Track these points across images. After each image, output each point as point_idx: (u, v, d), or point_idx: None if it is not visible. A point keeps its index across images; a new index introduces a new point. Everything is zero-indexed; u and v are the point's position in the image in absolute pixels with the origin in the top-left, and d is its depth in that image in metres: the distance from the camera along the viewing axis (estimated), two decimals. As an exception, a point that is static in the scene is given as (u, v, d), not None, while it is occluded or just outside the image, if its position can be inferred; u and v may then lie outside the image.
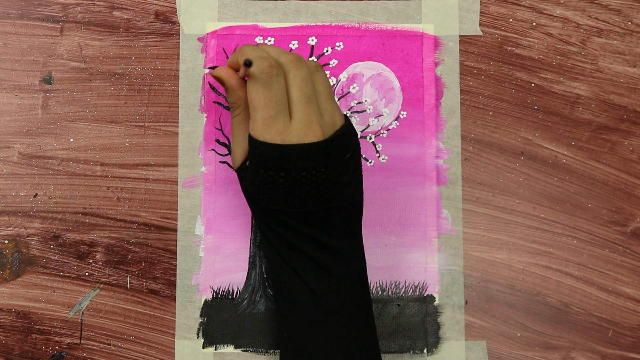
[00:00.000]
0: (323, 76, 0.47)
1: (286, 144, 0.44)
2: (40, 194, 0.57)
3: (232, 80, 0.47)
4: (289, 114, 0.45)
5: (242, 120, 0.48)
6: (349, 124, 0.47)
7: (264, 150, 0.44)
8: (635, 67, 0.59)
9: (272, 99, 0.44)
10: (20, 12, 0.59)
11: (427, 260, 0.57)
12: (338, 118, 0.46)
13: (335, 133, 0.45)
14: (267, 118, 0.44)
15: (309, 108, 0.44)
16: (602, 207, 0.58)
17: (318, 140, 0.44)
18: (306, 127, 0.44)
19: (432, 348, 0.56)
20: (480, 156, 0.58)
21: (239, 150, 0.48)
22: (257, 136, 0.44)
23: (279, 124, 0.44)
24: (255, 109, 0.44)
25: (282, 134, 0.44)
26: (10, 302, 0.56)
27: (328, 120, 0.45)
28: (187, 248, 0.57)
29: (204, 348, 0.56)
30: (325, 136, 0.45)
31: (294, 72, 0.45)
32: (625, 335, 0.57)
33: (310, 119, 0.44)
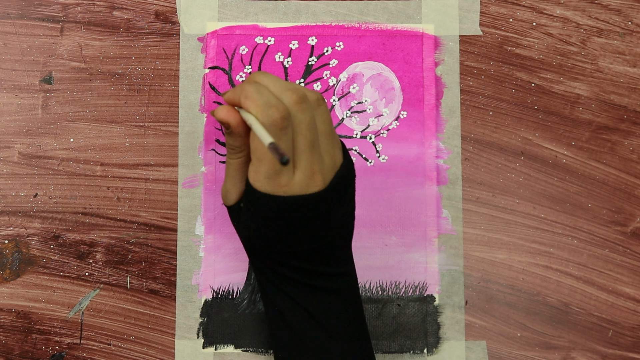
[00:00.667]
0: (324, 112, 0.44)
1: (288, 196, 0.42)
2: (40, 194, 0.57)
3: (241, 128, 0.44)
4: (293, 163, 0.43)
5: (242, 164, 0.45)
6: (347, 159, 0.46)
7: (267, 201, 0.43)
8: (635, 67, 0.59)
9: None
10: (20, 12, 0.59)
11: (427, 260, 0.57)
12: (338, 157, 0.45)
13: (335, 177, 0.44)
14: (272, 172, 0.42)
15: (312, 157, 0.43)
16: (602, 207, 0.58)
17: (319, 190, 0.43)
18: (309, 178, 0.43)
19: (432, 348, 0.56)
20: (480, 156, 0.58)
21: (234, 191, 0.46)
22: (259, 187, 0.42)
23: (283, 177, 0.42)
24: (260, 160, 0.42)
25: (285, 186, 0.42)
26: (10, 302, 0.56)
27: (328, 162, 0.44)
28: (187, 248, 0.57)
29: (204, 348, 0.56)
30: (326, 182, 0.43)
31: (300, 117, 0.43)
32: (626, 335, 0.57)
33: (312, 169, 0.43)
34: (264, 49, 0.59)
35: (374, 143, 0.58)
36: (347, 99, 0.59)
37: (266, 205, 0.43)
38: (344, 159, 0.45)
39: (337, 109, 0.58)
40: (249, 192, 0.44)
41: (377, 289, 0.57)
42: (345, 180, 0.45)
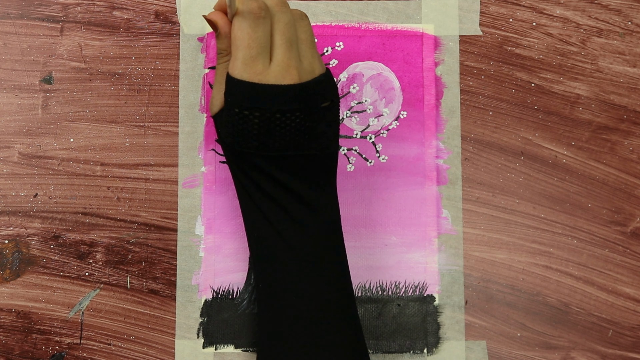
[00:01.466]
0: (307, 25, 0.48)
1: (262, 84, 0.44)
2: (40, 194, 0.57)
3: (226, 27, 0.47)
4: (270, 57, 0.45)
5: (227, 67, 0.48)
6: (329, 75, 0.48)
7: (241, 88, 0.45)
8: (635, 67, 0.59)
9: (256, 39, 0.44)
10: (20, 12, 0.59)
11: (427, 260, 0.57)
12: (317, 67, 0.47)
13: (312, 80, 0.46)
14: (247, 58, 0.44)
15: (289, 52, 0.45)
16: (602, 207, 0.58)
17: (294, 83, 0.45)
18: (284, 70, 0.45)
19: (432, 348, 0.57)
20: (480, 156, 0.58)
21: (219, 96, 0.48)
22: (235, 75, 0.45)
23: (258, 64, 0.45)
24: (237, 47, 0.45)
25: (260, 74, 0.45)
26: (10, 302, 0.56)
27: (307, 67, 0.46)
28: (187, 248, 0.57)
29: (204, 348, 0.56)
30: (302, 79, 0.45)
31: (279, 16, 0.46)
32: (625, 335, 0.57)
33: (289, 63, 0.45)
34: (264, 49, 0.59)
35: (374, 143, 0.58)
36: (347, 99, 0.59)
37: (241, 92, 0.45)
38: (325, 72, 0.47)
39: (337, 109, 0.59)
40: (227, 82, 0.46)
41: (377, 289, 0.57)
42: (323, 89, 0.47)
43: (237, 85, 0.45)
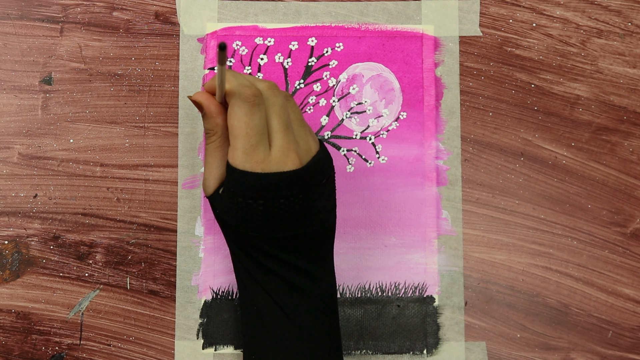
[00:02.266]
0: (294, 104, 0.47)
1: (266, 173, 0.44)
2: (40, 194, 0.57)
3: (212, 107, 0.46)
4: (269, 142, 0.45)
5: (217, 148, 0.47)
6: (324, 149, 0.48)
7: (244, 179, 0.44)
8: (635, 68, 0.59)
9: (254, 128, 0.44)
10: (20, 12, 0.59)
11: (427, 261, 0.57)
12: (313, 144, 0.47)
13: (312, 160, 0.46)
14: (248, 147, 0.44)
15: (287, 136, 0.45)
16: (602, 208, 0.58)
17: (296, 168, 0.44)
18: (285, 156, 0.44)
19: (432, 349, 0.57)
20: (480, 157, 0.58)
21: (211, 178, 0.47)
22: (237, 165, 0.44)
23: (259, 153, 0.44)
24: (236, 137, 0.44)
25: (261, 162, 0.44)
26: (10, 303, 0.56)
27: (304, 147, 0.46)
28: (187, 249, 0.57)
29: (204, 349, 0.56)
30: (303, 163, 0.45)
31: (272, 100, 0.45)
32: (625, 336, 0.57)
33: (288, 147, 0.45)
34: (264, 49, 0.59)
35: (373, 144, 0.58)
36: (346, 99, 0.59)
37: (245, 183, 0.44)
38: (320, 147, 0.47)
39: (337, 110, 0.59)
40: (228, 172, 0.45)
41: (376, 289, 0.57)
42: (322, 167, 0.46)
43: (240, 176, 0.44)
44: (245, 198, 0.44)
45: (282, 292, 0.46)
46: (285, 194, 0.44)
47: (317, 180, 0.46)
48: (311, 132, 0.48)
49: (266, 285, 0.46)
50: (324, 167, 0.47)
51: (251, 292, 0.47)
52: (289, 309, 0.46)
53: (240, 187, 0.44)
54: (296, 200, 0.45)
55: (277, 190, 0.44)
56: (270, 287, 0.46)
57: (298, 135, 0.46)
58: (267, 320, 0.47)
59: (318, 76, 0.59)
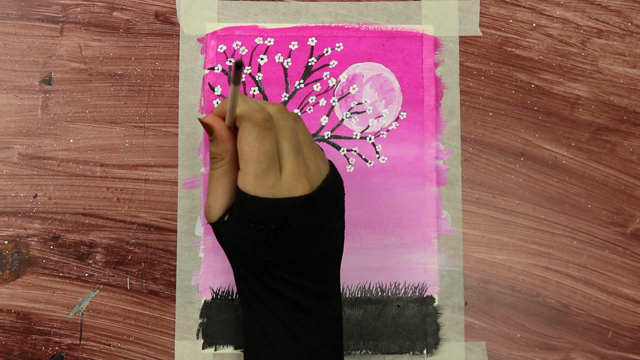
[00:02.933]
0: (303, 126, 0.47)
1: (278, 198, 0.43)
2: (40, 194, 0.57)
3: (223, 131, 0.46)
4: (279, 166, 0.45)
5: (224, 173, 0.46)
6: (334, 170, 0.47)
7: (256, 204, 0.43)
8: (635, 68, 0.59)
9: (265, 152, 0.43)
10: (20, 12, 0.59)
11: (427, 261, 0.57)
12: (323, 166, 0.46)
13: (323, 183, 0.45)
14: (259, 172, 0.43)
15: (297, 160, 0.44)
16: (602, 208, 0.58)
17: (307, 193, 0.44)
18: (296, 180, 0.44)
19: (432, 349, 0.57)
20: (480, 157, 0.58)
21: (217, 205, 0.46)
22: (248, 190, 0.43)
23: (270, 177, 0.44)
24: (247, 162, 0.44)
25: (273, 187, 0.43)
26: (10, 303, 0.56)
27: (314, 170, 0.45)
28: (187, 249, 0.57)
29: (204, 349, 0.56)
30: (313, 187, 0.45)
31: (282, 123, 0.45)
32: (625, 337, 0.57)
33: (299, 171, 0.44)
34: (264, 49, 0.59)
35: (373, 144, 0.58)
36: (346, 99, 0.59)
37: (256, 208, 0.43)
38: (330, 170, 0.47)
39: (337, 110, 0.59)
40: (239, 197, 0.44)
41: (376, 289, 0.57)
42: (333, 190, 0.46)
43: (252, 201, 0.43)
44: (257, 223, 0.44)
45: (290, 313, 0.46)
46: (296, 218, 0.44)
47: (327, 203, 0.45)
48: (321, 154, 0.47)
49: (274, 307, 0.46)
50: (334, 190, 0.46)
51: (257, 314, 0.47)
52: (297, 330, 0.46)
53: (252, 212, 0.44)
54: (307, 224, 0.44)
55: (288, 215, 0.44)
56: (278, 309, 0.46)
57: (308, 158, 0.46)
58: (274, 342, 0.46)
59: (318, 76, 0.59)
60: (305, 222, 0.44)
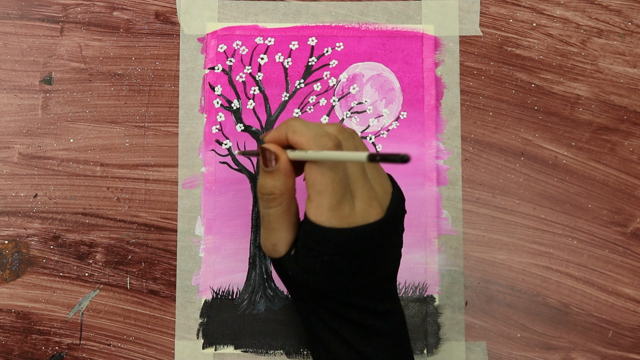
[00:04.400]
0: (360, 141, 0.44)
1: (353, 227, 0.41)
2: (40, 194, 0.57)
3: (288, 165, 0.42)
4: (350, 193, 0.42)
5: (284, 212, 0.43)
6: (397, 187, 0.45)
7: (332, 236, 0.41)
8: (635, 67, 0.59)
9: (339, 182, 0.40)
10: (20, 12, 0.59)
11: (427, 261, 0.57)
12: (387, 185, 0.44)
13: (391, 204, 0.43)
14: (335, 203, 0.40)
15: (366, 184, 0.42)
16: (602, 208, 0.58)
17: (380, 218, 0.42)
18: (368, 206, 0.41)
19: (432, 349, 0.56)
20: (480, 157, 0.58)
21: (282, 243, 0.43)
22: (323, 222, 0.40)
23: (345, 208, 0.41)
24: (321, 193, 0.40)
25: (348, 217, 0.41)
26: (10, 303, 0.56)
27: (380, 191, 0.43)
28: (187, 248, 0.57)
29: (204, 348, 0.56)
30: (383, 210, 0.42)
31: (346, 145, 0.42)
32: (625, 336, 0.57)
33: (369, 195, 0.42)
34: (264, 49, 0.59)
35: (374, 143, 0.58)
36: (347, 99, 0.59)
37: (333, 240, 0.41)
38: (394, 187, 0.45)
39: (337, 110, 0.59)
40: (311, 231, 0.41)
41: (377, 289, 0.57)
42: (401, 209, 0.44)
43: (327, 234, 0.41)
44: (332, 255, 0.41)
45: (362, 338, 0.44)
46: (372, 245, 0.42)
47: (397, 224, 0.44)
48: (381, 170, 0.44)
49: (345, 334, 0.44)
50: (402, 210, 0.44)
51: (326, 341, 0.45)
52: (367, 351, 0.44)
53: (327, 245, 0.41)
54: (380, 248, 0.42)
55: (364, 243, 0.41)
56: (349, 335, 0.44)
57: (372, 178, 0.43)
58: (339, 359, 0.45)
59: (318, 76, 0.59)
60: (380, 247, 0.42)
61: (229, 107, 0.58)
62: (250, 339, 0.56)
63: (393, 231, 0.43)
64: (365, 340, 0.45)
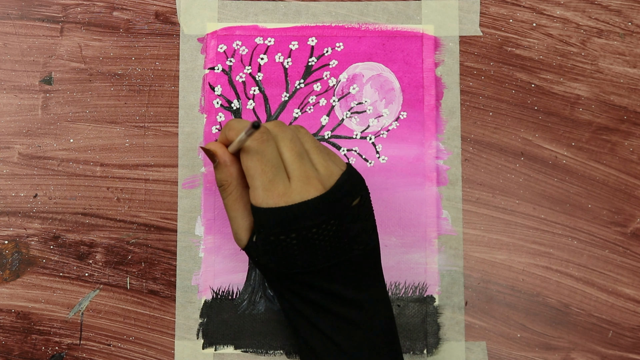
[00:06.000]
0: (306, 133, 0.47)
1: (290, 205, 0.43)
2: (40, 194, 0.57)
3: (226, 156, 0.47)
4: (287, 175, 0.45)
5: (236, 199, 0.47)
6: (350, 170, 0.46)
7: (270, 216, 0.43)
8: (635, 67, 0.59)
9: (267, 163, 0.44)
10: (20, 12, 0.59)
11: (427, 261, 0.57)
12: (334, 168, 0.46)
13: (336, 183, 0.45)
14: (266, 183, 0.44)
15: (303, 165, 0.44)
16: (602, 208, 0.58)
17: (319, 194, 0.44)
18: (305, 184, 0.44)
19: (432, 349, 0.56)
20: (480, 157, 0.58)
21: (241, 230, 0.47)
22: (260, 204, 0.44)
23: (278, 186, 0.44)
24: (253, 177, 0.44)
25: (284, 195, 0.43)
26: (10, 303, 0.56)
27: (324, 172, 0.45)
28: (187, 248, 0.57)
29: (204, 349, 0.56)
30: (326, 188, 0.44)
31: (281, 135, 0.45)
32: (625, 336, 0.57)
33: (307, 174, 0.44)
34: (264, 49, 0.59)
35: (373, 144, 0.58)
36: (347, 99, 0.59)
37: (272, 220, 0.43)
38: (346, 169, 0.46)
39: (337, 110, 0.59)
40: (254, 214, 0.44)
41: (377, 289, 0.57)
42: (349, 188, 0.45)
43: (266, 214, 0.44)
44: (277, 235, 0.44)
45: (335, 327, 0.45)
46: (315, 222, 0.43)
47: (346, 202, 0.45)
48: (332, 157, 0.47)
49: (318, 323, 0.45)
50: (352, 188, 0.45)
51: (303, 333, 0.46)
52: (345, 344, 0.45)
53: (269, 225, 0.44)
54: (329, 227, 0.44)
55: (305, 220, 0.43)
56: (322, 324, 0.45)
57: (316, 162, 0.46)
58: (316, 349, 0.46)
59: (318, 76, 0.59)
60: (326, 225, 0.44)
61: (229, 107, 0.58)
62: (250, 339, 0.56)
63: (343, 210, 0.44)
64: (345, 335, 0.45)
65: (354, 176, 0.46)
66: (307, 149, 0.46)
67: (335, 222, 0.44)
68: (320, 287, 0.45)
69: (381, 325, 0.47)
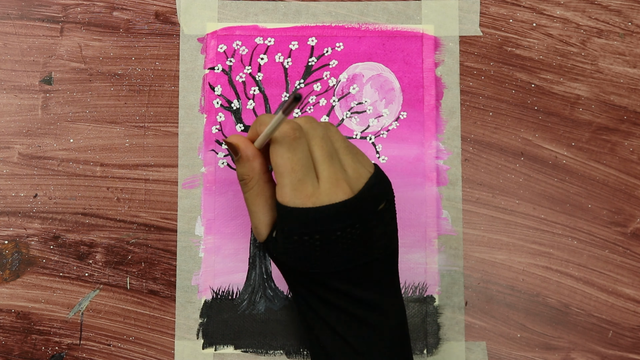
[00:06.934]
0: (336, 132, 0.46)
1: (318, 206, 0.42)
2: (40, 194, 0.57)
3: (249, 150, 0.45)
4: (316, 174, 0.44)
5: (257, 194, 0.46)
6: (378, 173, 0.46)
7: (296, 216, 0.42)
8: (635, 67, 0.59)
9: (298, 162, 0.43)
10: (20, 12, 0.59)
11: (427, 261, 0.57)
12: (363, 170, 0.45)
13: (364, 187, 0.44)
14: (295, 182, 0.43)
15: (332, 166, 0.43)
16: (602, 208, 0.58)
17: (348, 198, 0.43)
18: (334, 186, 0.43)
19: (432, 349, 0.56)
20: (480, 157, 0.58)
21: (261, 225, 0.46)
22: (287, 202, 0.43)
23: (307, 186, 0.43)
24: (282, 174, 0.43)
25: (312, 196, 0.42)
26: (10, 303, 0.56)
27: (353, 174, 0.44)
28: (187, 249, 0.57)
29: (204, 349, 0.56)
30: (354, 191, 0.43)
31: (312, 132, 0.44)
32: (625, 336, 0.57)
33: (336, 176, 0.43)
34: (264, 49, 0.59)
35: (374, 144, 0.58)
36: (347, 99, 0.59)
37: (298, 220, 0.43)
38: (374, 172, 0.45)
39: (337, 110, 0.59)
40: (279, 212, 0.44)
41: (377, 289, 0.57)
42: (377, 193, 0.45)
43: (292, 213, 0.43)
44: (301, 235, 0.43)
45: (349, 327, 0.45)
46: (340, 225, 0.43)
47: (372, 207, 0.44)
48: (361, 158, 0.46)
49: (331, 322, 0.45)
50: (379, 192, 0.45)
51: (317, 331, 0.46)
52: (358, 345, 0.45)
53: (294, 224, 0.43)
54: (353, 230, 0.43)
55: (331, 223, 0.42)
56: (337, 324, 0.45)
57: (346, 163, 0.44)
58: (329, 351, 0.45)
59: (318, 76, 0.59)
60: (351, 229, 0.43)
61: (229, 107, 0.58)
62: (250, 339, 0.56)
63: (368, 214, 0.44)
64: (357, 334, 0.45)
65: (382, 180, 0.45)
66: (337, 148, 0.45)
67: (360, 226, 0.43)
68: (336, 287, 0.44)
69: (394, 328, 0.46)
